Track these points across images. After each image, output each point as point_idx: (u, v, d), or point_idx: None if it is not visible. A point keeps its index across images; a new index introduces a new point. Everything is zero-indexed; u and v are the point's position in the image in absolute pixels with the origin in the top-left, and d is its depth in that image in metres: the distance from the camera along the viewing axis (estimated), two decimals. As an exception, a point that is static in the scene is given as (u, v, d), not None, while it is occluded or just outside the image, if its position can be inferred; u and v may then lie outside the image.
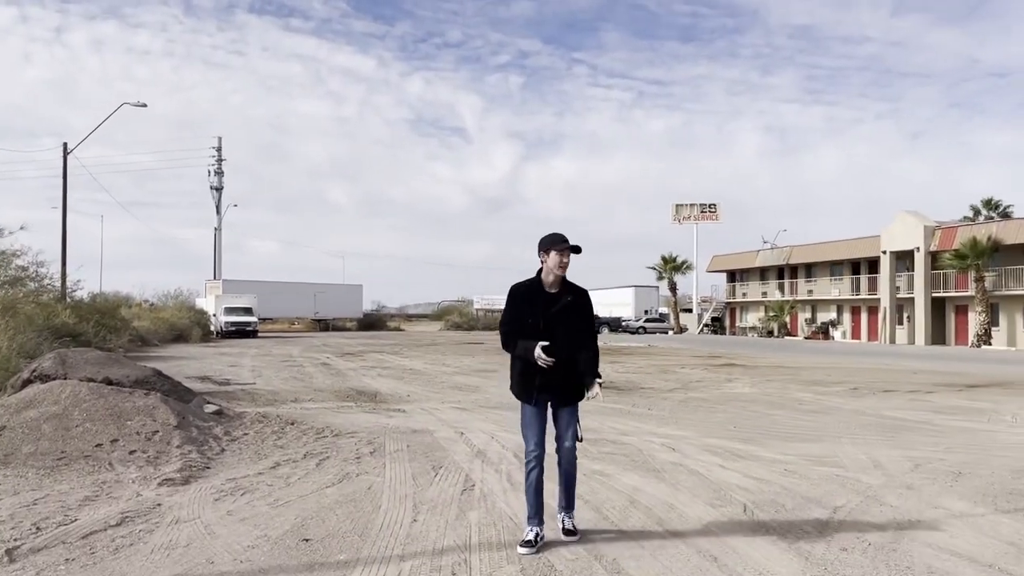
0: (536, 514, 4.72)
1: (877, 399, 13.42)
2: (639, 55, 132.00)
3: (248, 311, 45.80)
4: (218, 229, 67.13)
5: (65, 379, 8.40)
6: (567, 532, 4.82)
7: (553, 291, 4.73)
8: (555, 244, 4.64)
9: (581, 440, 4.87)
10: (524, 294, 4.74)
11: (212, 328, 45.18)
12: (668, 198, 61.04)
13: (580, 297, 4.78)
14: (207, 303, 48.75)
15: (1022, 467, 7.35)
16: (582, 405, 4.88)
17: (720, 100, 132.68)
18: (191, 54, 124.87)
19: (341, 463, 7.08)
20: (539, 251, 4.71)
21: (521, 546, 4.61)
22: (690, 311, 61.17)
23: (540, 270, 4.74)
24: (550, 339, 4.57)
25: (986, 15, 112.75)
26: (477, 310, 78.69)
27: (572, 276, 4.81)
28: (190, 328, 38.66)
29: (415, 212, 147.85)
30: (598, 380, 4.77)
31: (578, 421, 4.84)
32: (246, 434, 8.31)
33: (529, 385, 4.70)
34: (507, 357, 4.92)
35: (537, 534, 4.65)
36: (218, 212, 67.50)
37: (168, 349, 30.26)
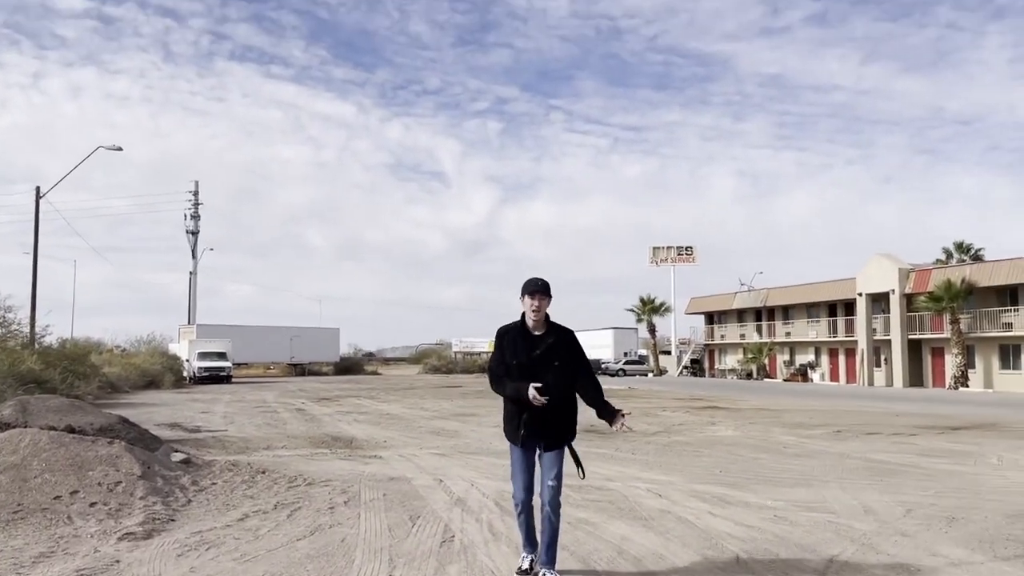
0: (528, 541, 4.89)
1: (861, 442, 13.26)
2: (614, 102, 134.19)
3: (222, 356, 45.01)
4: (193, 273, 66.47)
5: (25, 427, 8.03)
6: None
7: (537, 333, 4.77)
8: (526, 288, 4.75)
9: (583, 477, 5.02)
10: (509, 336, 4.80)
11: (185, 374, 44.36)
12: (645, 241, 61.55)
13: (563, 336, 4.80)
14: (180, 348, 47.92)
15: (1016, 511, 7.18)
16: (585, 449, 4.86)
17: (694, 145, 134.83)
18: (170, 100, 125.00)
19: (314, 514, 6.75)
20: (520, 296, 4.83)
21: (516, 574, 4.86)
22: (669, 353, 61.12)
23: (523, 313, 4.82)
24: (535, 380, 4.58)
25: (950, 64, 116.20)
26: (456, 353, 78.12)
27: (565, 322, 4.92)
28: (162, 374, 37.88)
29: (394, 255, 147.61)
30: (621, 412, 4.77)
31: (578, 463, 4.93)
32: (215, 484, 7.94)
33: (515, 426, 4.73)
34: (487, 400, 4.81)
35: (531, 562, 4.85)
36: (194, 256, 66.88)
37: (139, 396, 29.55)
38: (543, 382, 4.56)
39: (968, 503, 7.62)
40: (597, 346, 59.91)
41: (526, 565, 4.85)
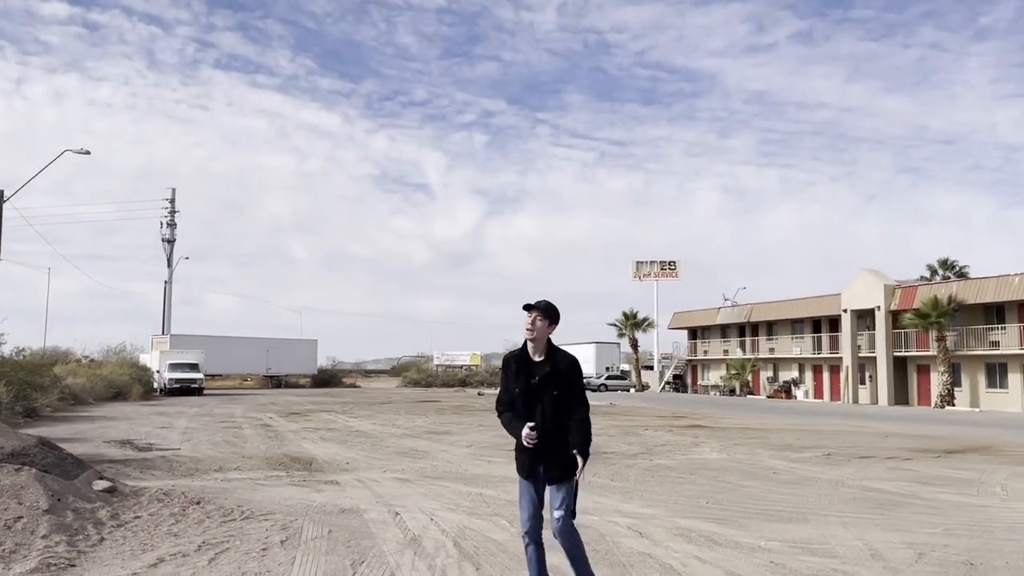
0: None
1: (855, 467, 12.48)
2: (601, 116, 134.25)
3: (194, 367, 43.71)
4: (168, 282, 65.02)
5: (-76, 450, 7.06)
6: None
7: (537, 359, 4.58)
8: (525, 306, 4.59)
9: (574, 515, 4.49)
10: (512, 364, 4.61)
11: (156, 385, 43.04)
12: (629, 256, 60.74)
13: (561, 363, 4.55)
14: (151, 359, 46.56)
15: (1038, 555, 6.39)
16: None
17: (679, 161, 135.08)
18: (153, 108, 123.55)
19: (241, 558, 5.83)
20: None
21: None
22: (652, 368, 60.36)
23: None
24: (533, 409, 4.45)
25: (933, 84, 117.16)
26: (437, 366, 77.00)
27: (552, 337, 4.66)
28: (130, 385, 36.57)
29: (377, 267, 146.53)
30: (580, 458, 4.46)
31: (574, 495, 4.52)
32: (138, 517, 7.00)
33: (522, 458, 4.54)
34: (464, 417, 4.07)
35: None
36: (169, 265, 65.43)
37: (102, 408, 28.33)
38: (540, 411, 4.43)
39: (983, 544, 6.83)
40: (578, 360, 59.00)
41: None
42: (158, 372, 43.63)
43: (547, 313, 4.55)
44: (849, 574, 5.71)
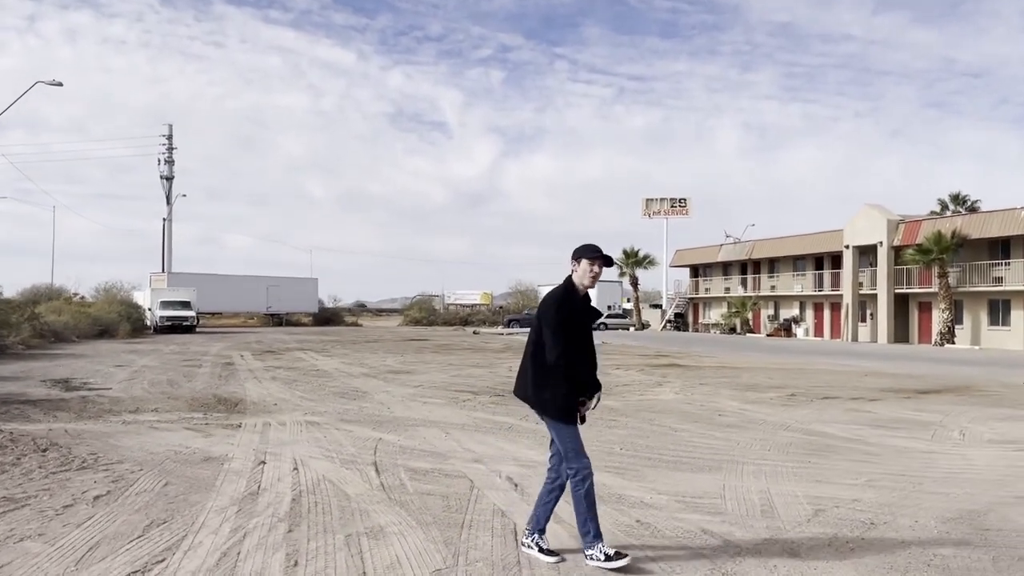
0: (599, 528, 4.45)
1: (811, 409, 11.74)
2: (620, 51, 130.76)
3: (186, 305, 43.43)
4: (168, 219, 64.49)
5: None
6: (550, 552, 4.50)
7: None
8: (586, 254, 4.46)
9: None
10: (575, 304, 4.44)
11: (149, 323, 42.87)
12: (647, 195, 59.09)
13: (597, 313, 4.75)
14: (144, 297, 46.33)
15: (956, 512, 5.64)
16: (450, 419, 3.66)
17: (700, 97, 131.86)
18: (167, 45, 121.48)
19: (29, 516, 5.17)
20: (572, 260, 4.50)
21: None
22: (660, 307, 59.56)
23: (569, 278, 4.50)
24: (586, 351, 4.46)
25: (962, 16, 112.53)
26: (447, 305, 76.61)
27: (561, 275, 4.75)
28: (117, 323, 36.32)
29: (394, 207, 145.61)
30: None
31: None
32: (-35, 466, 6.37)
33: (577, 407, 4.43)
34: (441, 356, 3.33)
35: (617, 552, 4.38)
36: (168, 202, 64.81)
37: (79, 346, 28.00)
38: (590, 354, 4.53)
39: (901, 498, 6.08)
40: (580, 298, 58.32)
41: (611, 552, 4.37)
42: (150, 310, 43.40)
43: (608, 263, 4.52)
44: (718, 535, 4.98)
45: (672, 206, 58.25)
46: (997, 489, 6.45)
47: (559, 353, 4.29)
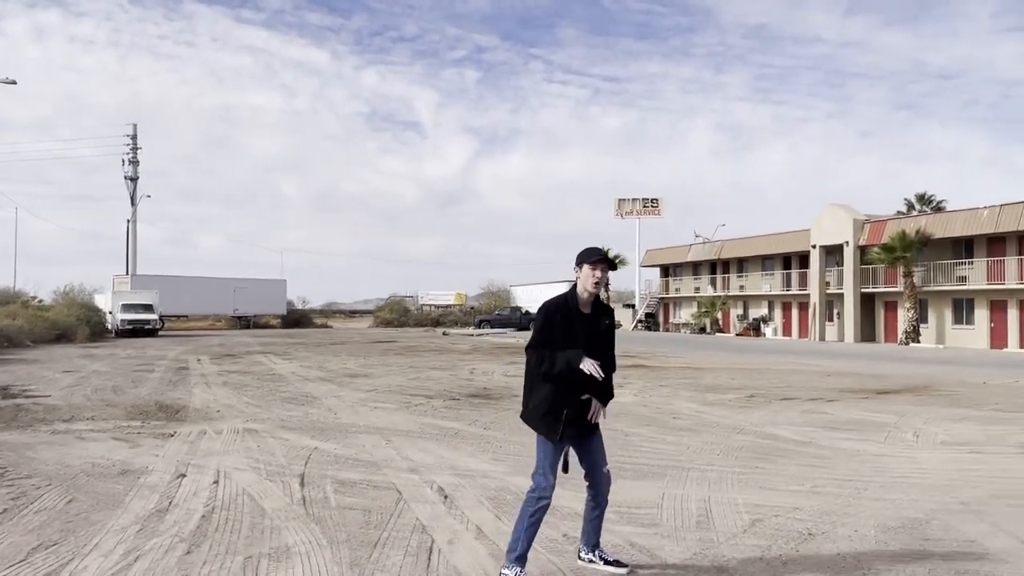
0: (526, 552, 4.15)
1: (768, 411, 11.57)
2: (595, 52, 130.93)
3: (148, 308, 42.55)
4: (132, 221, 63.32)
5: None
6: (615, 563, 4.33)
7: (586, 311, 4.25)
8: (586, 259, 4.22)
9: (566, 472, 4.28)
10: (560, 312, 4.16)
11: (110, 326, 41.97)
12: (621, 195, 59.04)
13: (612, 317, 4.39)
14: (105, 300, 45.36)
15: (897, 520, 5.44)
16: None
17: (674, 98, 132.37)
18: (137, 44, 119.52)
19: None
20: (575, 266, 4.29)
21: None
22: (633, 307, 59.52)
23: (574, 285, 4.28)
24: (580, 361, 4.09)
25: (933, 18, 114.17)
26: (421, 306, 75.96)
27: (536, 275, 3.62)
28: (76, 327, 35.48)
29: (368, 207, 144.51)
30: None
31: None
32: None
33: (557, 421, 4.10)
34: (403, 359, 2.96)
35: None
36: (133, 203, 63.67)
37: (33, 351, 27.23)
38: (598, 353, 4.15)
39: (844, 506, 5.88)
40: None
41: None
42: (111, 313, 42.50)
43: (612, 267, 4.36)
44: (647, 550, 4.73)
45: (644, 206, 58.25)
46: (943, 495, 6.28)
47: (542, 364, 4.09)
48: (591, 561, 4.36)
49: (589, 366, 3.99)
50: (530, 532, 4.12)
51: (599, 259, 4.20)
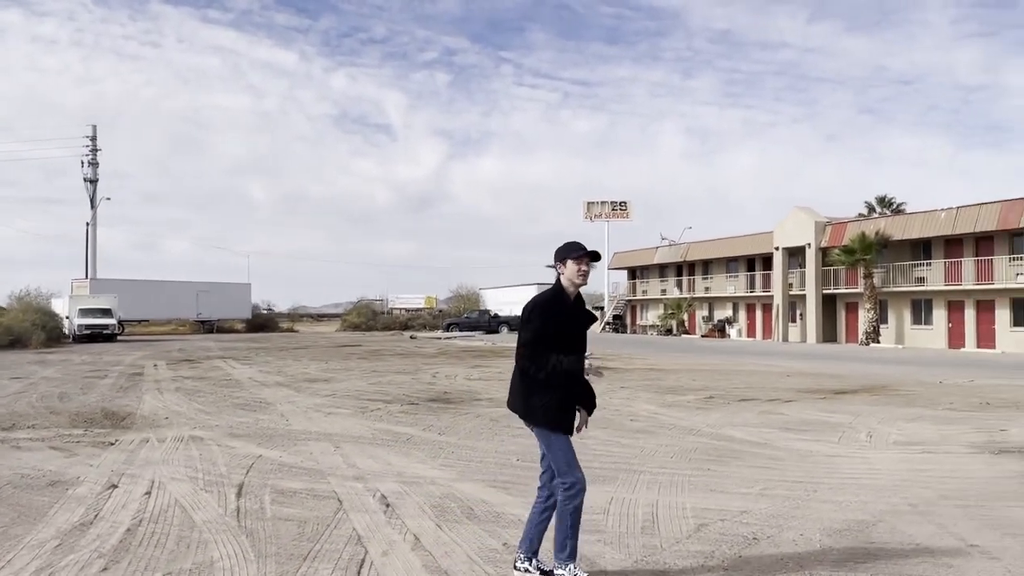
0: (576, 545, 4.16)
1: (725, 412, 11.54)
2: (565, 55, 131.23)
3: (106, 312, 41.66)
4: (92, 224, 62.02)
5: None
6: (550, 574, 4.19)
7: (570, 306, 4.24)
8: (570, 253, 4.19)
9: None
10: (555, 308, 4.13)
11: (67, 331, 41.01)
12: (593, 198, 59.13)
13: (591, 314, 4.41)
14: (62, 304, 44.33)
15: (843, 524, 5.37)
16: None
17: (643, 102, 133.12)
18: (100, 44, 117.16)
19: None
20: (555, 262, 4.23)
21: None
22: (601, 309, 59.60)
23: (558, 281, 4.24)
24: (580, 356, 4.14)
25: (892, 24, 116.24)
26: (391, 309, 75.34)
27: (506, 278, 3.50)
28: (30, 332, 34.59)
29: (338, 209, 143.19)
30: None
31: None
32: None
33: (571, 412, 4.20)
34: (366, 363, 2.78)
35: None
36: (92, 206, 62.38)
37: (-17, 357, 26.49)
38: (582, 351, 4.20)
39: (791, 509, 5.81)
40: (518, 302, 58.12)
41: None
42: (67, 318, 41.55)
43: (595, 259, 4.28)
44: (588, 558, 4.60)
45: (613, 209, 58.34)
46: (892, 496, 6.24)
47: (541, 362, 4.03)
48: (527, 571, 4.23)
49: (596, 367, 4.12)
50: (577, 527, 4.14)
51: (583, 253, 4.18)
